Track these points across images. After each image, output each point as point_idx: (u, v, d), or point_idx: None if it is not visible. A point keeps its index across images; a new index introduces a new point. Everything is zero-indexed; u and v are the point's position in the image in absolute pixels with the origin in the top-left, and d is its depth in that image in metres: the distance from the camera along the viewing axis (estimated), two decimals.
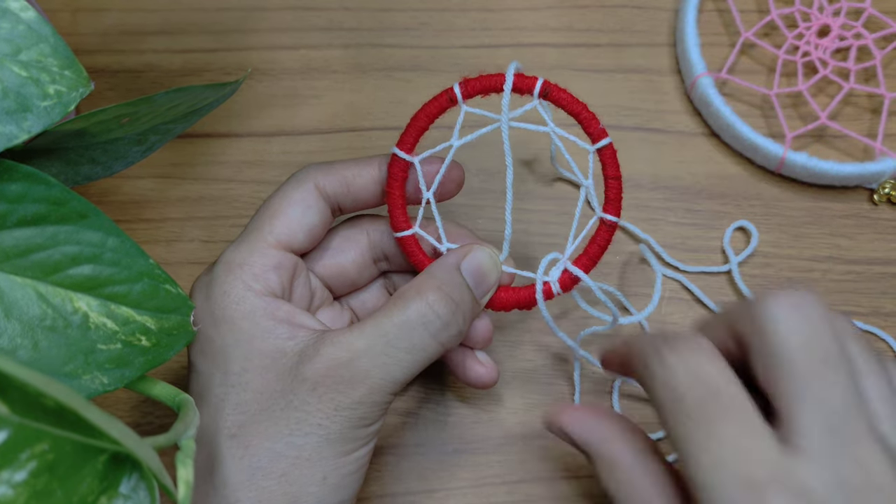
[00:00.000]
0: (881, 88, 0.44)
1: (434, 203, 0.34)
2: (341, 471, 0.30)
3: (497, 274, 0.34)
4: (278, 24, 0.46)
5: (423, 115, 0.33)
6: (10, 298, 0.28)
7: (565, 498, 0.38)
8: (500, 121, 0.33)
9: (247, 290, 0.31)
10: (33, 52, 0.28)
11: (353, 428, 0.30)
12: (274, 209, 0.33)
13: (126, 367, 0.28)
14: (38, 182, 0.28)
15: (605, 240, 0.34)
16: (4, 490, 0.21)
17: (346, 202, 0.34)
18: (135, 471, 0.24)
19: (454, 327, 0.32)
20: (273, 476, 0.29)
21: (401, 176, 0.34)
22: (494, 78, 0.33)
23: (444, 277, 0.32)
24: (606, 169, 0.34)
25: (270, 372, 0.30)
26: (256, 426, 0.30)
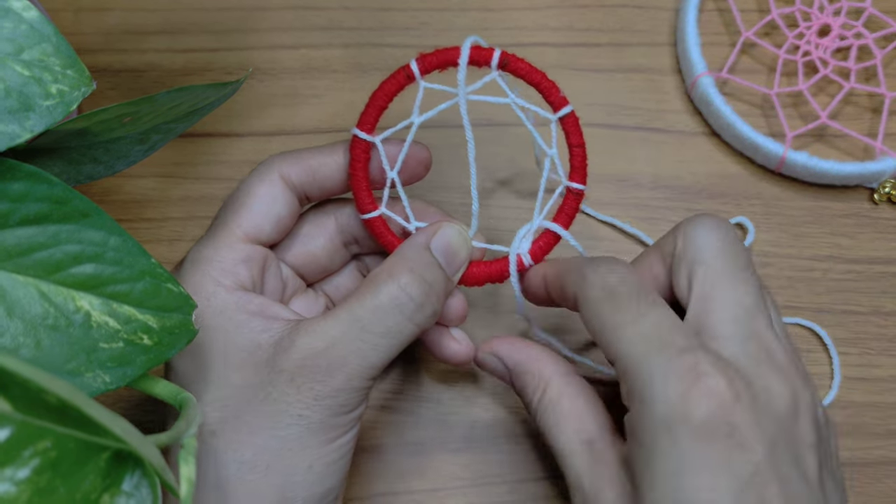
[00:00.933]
0: (882, 88, 0.44)
1: (399, 182, 0.34)
2: (326, 458, 0.30)
3: (467, 250, 0.34)
4: (279, 23, 0.46)
5: (381, 94, 0.33)
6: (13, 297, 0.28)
7: (565, 497, 0.38)
8: (459, 94, 0.33)
9: (217, 285, 0.31)
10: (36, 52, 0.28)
11: (334, 416, 0.30)
12: (240, 202, 0.33)
13: (128, 365, 0.28)
14: (41, 181, 0.28)
15: (572, 208, 0.34)
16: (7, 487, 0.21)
17: (312, 190, 0.34)
18: (137, 468, 0.24)
19: (429, 308, 0.32)
20: (258, 469, 0.29)
21: (363, 157, 0.33)
22: (450, 51, 0.32)
23: (415, 258, 0.32)
24: (570, 137, 0.33)
25: (247, 366, 0.30)
26: (237, 421, 0.30)
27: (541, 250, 0.34)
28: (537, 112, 0.33)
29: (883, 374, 0.40)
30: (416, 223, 0.34)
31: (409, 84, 0.33)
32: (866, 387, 0.40)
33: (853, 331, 0.40)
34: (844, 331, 0.40)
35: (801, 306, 0.41)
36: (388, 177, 0.34)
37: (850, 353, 0.40)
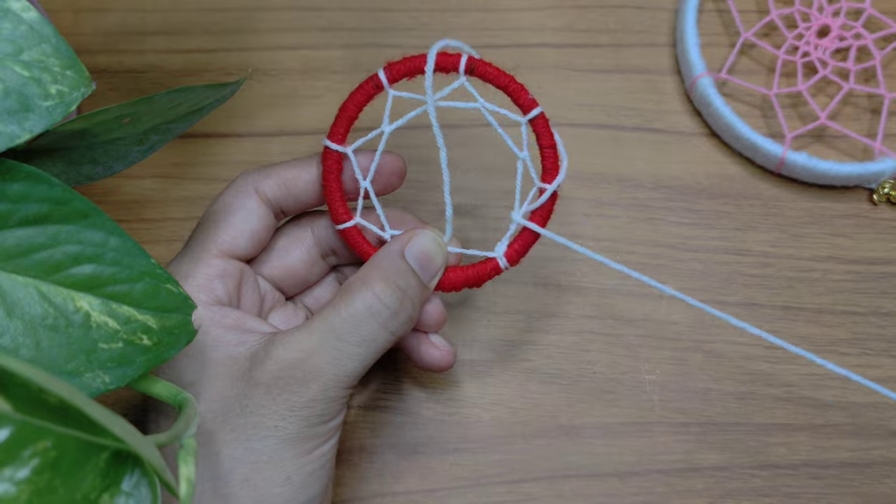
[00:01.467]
0: (881, 88, 0.44)
1: (372, 192, 0.34)
2: (304, 469, 0.30)
3: (443, 256, 0.34)
4: (279, 24, 0.46)
5: (351, 104, 0.33)
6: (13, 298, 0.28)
7: (565, 497, 0.38)
8: (427, 102, 0.33)
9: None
10: (35, 52, 0.28)
11: (310, 426, 0.30)
12: (215, 218, 0.33)
13: (127, 365, 0.28)
14: (40, 182, 0.28)
15: (546, 209, 0.34)
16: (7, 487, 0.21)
17: (288, 204, 0.34)
18: (137, 468, 0.24)
19: (403, 314, 0.32)
20: (235, 482, 0.29)
21: (335, 168, 0.34)
22: (417, 59, 0.33)
23: (389, 266, 0.32)
24: (541, 139, 0.33)
25: (223, 379, 0.30)
26: (213, 435, 0.30)
27: (517, 253, 0.34)
28: (507, 115, 0.33)
29: (882, 375, 0.40)
30: (391, 231, 0.34)
31: (377, 93, 0.33)
32: (866, 387, 0.39)
33: (852, 331, 0.40)
34: (844, 331, 0.40)
35: (801, 307, 0.41)
36: (361, 187, 0.34)
37: (849, 353, 0.40)
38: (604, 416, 0.39)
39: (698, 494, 0.38)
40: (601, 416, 0.39)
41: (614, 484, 0.38)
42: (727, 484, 0.38)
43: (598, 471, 0.38)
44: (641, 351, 0.40)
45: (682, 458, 0.38)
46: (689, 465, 0.38)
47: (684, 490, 0.38)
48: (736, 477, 0.38)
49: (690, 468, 0.38)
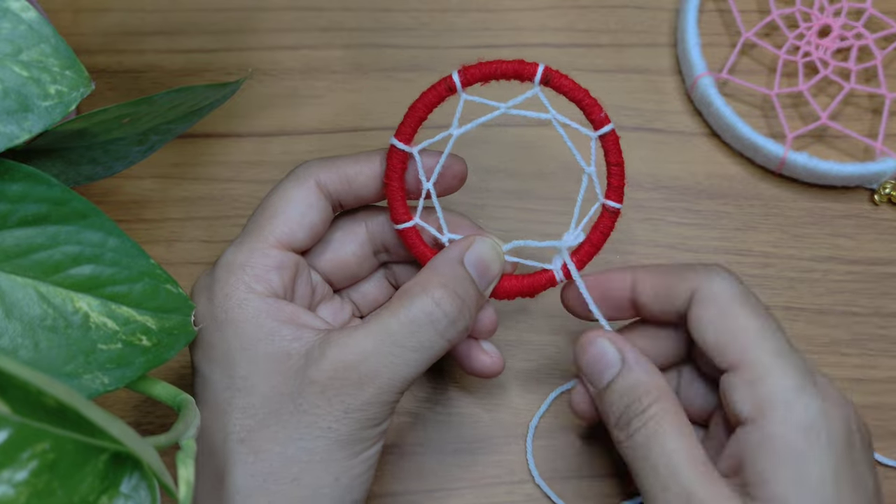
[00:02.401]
0: (882, 88, 0.44)
1: (434, 193, 0.34)
2: (353, 471, 0.30)
3: (500, 264, 0.33)
4: (279, 24, 0.46)
5: (421, 105, 0.33)
6: (11, 298, 0.28)
7: (565, 498, 0.38)
8: (500, 108, 0.33)
9: (249, 292, 0.31)
10: (34, 52, 0.28)
11: (362, 429, 0.30)
12: (274, 208, 0.33)
13: (127, 366, 0.28)
14: (39, 182, 0.28)
15: (607, 227, 0.34)
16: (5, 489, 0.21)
17: (347, 198, 0.34)
18: (136, 470, 0.24)
19: (461, 323, 0.31)
20: (285, 480, 0.29)
21: (399, 167, 0.33)
22: (494, 65, 0.32)
23: (448, 272, 0.32)
24: (609, 155, 0.33)
25: (277, 375, 0.30)
26: (265, 430, 0.30)
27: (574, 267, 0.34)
28: (578, 129, 0.33)
29: (882, 376, 0.40)
30: (449, 235, 0.34)
31: (449, 95, 0.33)
32: (866, 388, 0.39)
33: (853, 332, 0.40)
34: (844, 332, 0.40)
35: (802, 307, 0.41)
36: (423, 188, 0.34)
37: (850, 354, 0.40)
38: None
39: None
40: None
41: (614, 484, 0.38)
42: None
43: (598, 471, 0.38)
44: None
45: None
46: None
47: None
48: None
49: None
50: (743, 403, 0.29)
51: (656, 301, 0.32)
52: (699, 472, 0.29)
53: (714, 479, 0.29)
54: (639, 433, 0.30)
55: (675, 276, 0.32)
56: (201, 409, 0.31)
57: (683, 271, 0.32)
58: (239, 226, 0.42)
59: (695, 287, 0.31)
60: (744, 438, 0.29)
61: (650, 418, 0.30)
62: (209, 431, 0.30)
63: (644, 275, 0.33)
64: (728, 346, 0.29)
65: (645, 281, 0.32)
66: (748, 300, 0.30)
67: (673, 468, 0.29)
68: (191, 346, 0.32)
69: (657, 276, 0.32)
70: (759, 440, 0.28)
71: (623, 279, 0.33)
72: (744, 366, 0.29)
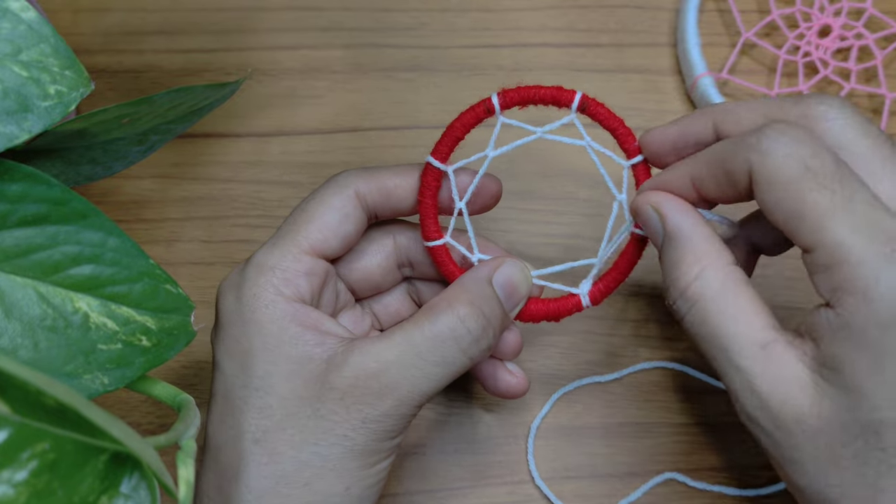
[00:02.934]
0: (882, 88, 0.44)
1: (466, 213, 0.34)
2: (364, 482, 0.30)
3: (528, 287, 0.33)
4: (278, 24, 0.46)
5: (459, 125, 0.33)
6: (11, 298, 0.28)
7: (565, 498, 0.38)
8: (537, 133, 0.33)
9: (277, 294, 0.31)
10: (34, 53, 0.28)
11: (377, 440, 0.30)
12: (311, 213, 0.33)
13: (126, 367, 0.28)
14: (39, 182, 0.28)
15: (635, 254, 0.34)
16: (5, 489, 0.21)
17: (384, 210, 0.34)
18: (136, 470, 0.24)
19: (484, 342, 0.31)
20: (297, 484, 0.29)
21: (434, 185, 0.33)
22: (533, 90, 0.33)
23: (476, 290, 0.32)
24: (640, 185, 0.34)
25: (297, 378, 0.30)
26: (281, 433, 0.30)
27: (600, 293, 0.34)
28: (611, 157, 0.33)
29: None
30: (479, 255, 0.34)
31: (487, 117, 0.33)
32: None
33: None
34: None
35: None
36: (456, 206, 0.34)
37: None
38: (604, 416, 0.39)
39: (699, 495, 0.38)
40: (601, 416, 0.39)
41: (614, 484, 0.38)
42: (729, 483, 0.38)
43: (598, 471, 0.38)
44: (641, 351, 0.40)
45: (682, 458, 0.38)
46: (689, 465, 0.38)
47: (685, 490, 0.38)
48: (736, 477, 0.38)
49: (691, 468, 0.38)
50: (822, 286, 0.27)
51: (722, 193, 0.29)
52: (758, 359, 0.27)
53: (777, 361, 0.27)
54: (688, 315, 0.29)
55: (730, 157, 0.28)
56: (216, 405, 0.31)
57: (736, 150, 0.28)
58: (238, 226, 0.42)
59: (750, 166, 0.27)
60: (825, 318, 0.26)
61: (696, 300, 0.29)
62: (220, 427, 0.31)
63: (698, 167, 0.30)
64: (800, 229, 0.26)
65: (702, 175, 0.30)
66: (815, 168, 0.26)
67: (728, 356, 0.28)
68: (214, 340, 0.32)
69: (712, 165, 0.29)
70: (838, 326, 0.26)
71: (682, 181, 0.30)
72: (818, 248, 0.26)
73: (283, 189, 0.43)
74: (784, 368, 0.27)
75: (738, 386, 0.28)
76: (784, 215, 0.27)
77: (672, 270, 0.29)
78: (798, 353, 0.27)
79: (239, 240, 0.42)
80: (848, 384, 0.26)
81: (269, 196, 0.43)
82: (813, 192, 0.26)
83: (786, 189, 0.26)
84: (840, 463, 0.26)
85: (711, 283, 0.28)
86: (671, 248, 0.30)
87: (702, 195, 0.30)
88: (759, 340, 0.27)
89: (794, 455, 0.27)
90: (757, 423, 0.28)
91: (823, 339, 0.26)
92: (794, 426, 0.27)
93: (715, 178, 0.29)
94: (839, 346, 0.26)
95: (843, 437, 0.26)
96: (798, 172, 0.26)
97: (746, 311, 0.28)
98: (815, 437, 0.26)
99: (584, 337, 0.40)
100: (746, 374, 0.27)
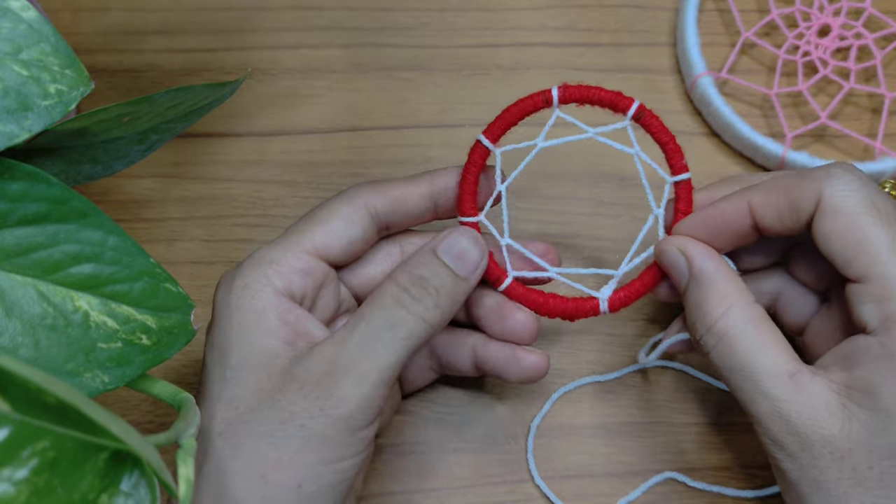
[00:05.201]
0: (881, 88, 0.44)
1: (505, 196, 0.34)
2: (319, 479, 0.29)
3: (479, 250, 0.33)
4: (278, 23, 0.46)
5: (517, 110, 0.33)
6: (11, 297, 0.28)
7: (565, 497, 0.38)
8: (588, 132, 0.34)
9: (266, 284, 0.31)
10: (34, 52, 0.28)
11: (337, 430, 0.29)
12: (318, 218, 0.33)
13: (126, 365, 0.28)
14: (39, 181, 0.28)
15: (661, 272, 0.34)
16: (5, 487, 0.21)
17: (396, 219, 0.34)
18: (136, 468, 0.24)
19: (430, 300, 0.31)
20: (254, 477, 0.29)
21: (479, 162, 0.34)
22: (594, 90, 0.33)
23: (414, 260, 0.32)
24: (679, 203, 0.34)
25: (263, 370, 0.30)
26: (244, 425, 0.30)
27: (620, 301, 0.34)
28: (657, 171, 0.34)
29: None
30: (507, 240, 0.35)
31: (543, 108, 0.34)
32: None
33: None
34: None
35: None
36: (496, 188, 0.34)
37: None
38: (604, 416, 0.39)
39: (699, 495, 0.38)
40: (601, 416, 0.39)
41: (614, 483, 0.38)
42: (728, 484, 0.38)
43: (598, 470, 0.38)
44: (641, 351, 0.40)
45: (682, 458, 0.38)
46: (689, 465, 0.38)
47: (684, 490, 0.38)
48: (736, 477, 0.38)
49: (690, 468, 0.38)
50: (870, 317, 0.28)
51: (780, 220, 0.31)
52: (787, 387, 0.29)
53: (804, 389, 0.29)
54: (714, 349, 0.30)
55: (796, 187, 0.30)
56: (199, 397, 0.31)
57: (805, 181, 0.30)
58: (239, 225, 0.42)
59: (820, 194, 0.29)
60: (864, 346, 0.28)
61: (722, 335, 0.30)
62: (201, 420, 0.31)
63: (760, 195, 0.31)
64: (857, 259, 0.28)
65: (764, 201, 0.31)
66: (877, 206, 0.29)
67: (757, 385, 0.29)
68: (206, 333, 0.32)
69: (775, 194, 0.31)
70: (880, 353, 0.28)
71: (739, 208, 0.32)
72: (872, 279, 0.28)
73: (283, 188, 0.43)
74: (813, 394, 0.28)
75: (766, 412, 0.29)
76: (843, 244, 0.29)
77: (698, 308, 0.31)
78: (824, 380, 0.29)
79: (239, 239, 0.42)
80: (882, 406, 0.27)
81: (269, 195, 0.43)
82: (875, 226, 0.28)
83: (852, 219, 0.29)
84: (864, 484, 0.27)
85: (737, 320, 0.30)
86: (697, 287, 0.32)
87: (757, 222, 0.31)
88: (787, 370, 0.29)
89: (818, 477, 0.28)
90: (783, 446, 0.29)
91: (860, 364, 0.28)
92: (822, 448, 0.28)
93: (776, 205, 0.31)
94: (877, 373, 0.28)
95: (871, 458, 0.27)
96: (864, 207, 0.29)
97: (771, 345, 0.30)
98: (842, 459, 0.28)
99: (585, 337, 0.40)
100: (775, 401, 0.29)
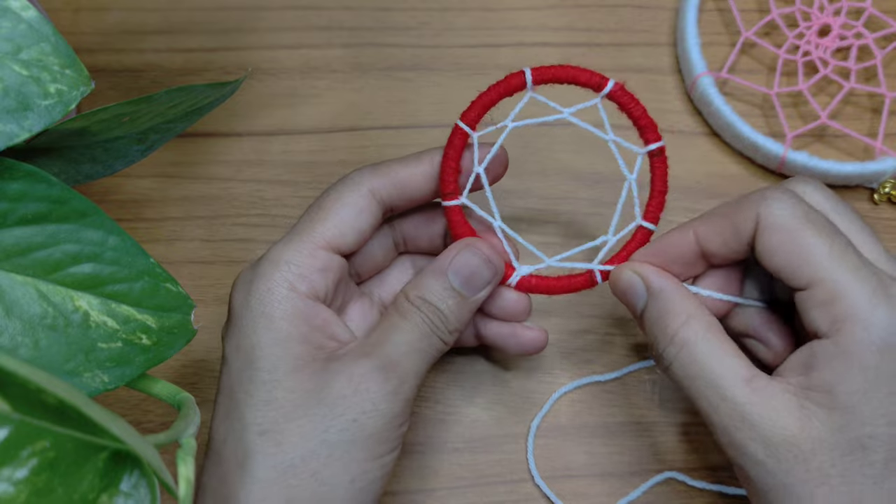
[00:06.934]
0: (882, 88, 0.44)
1: (485, 177, 0.34)
2: (368, 475, 0.30)
3: (491, 269, 0.34)
4: (278, 23, 0.46)
5: (494, 93, 0.34)
6: (11, 297, 0.28)
7: (565, 497, 0.38)
8: (563, 113, 0.34)
9: (291, 290, 0.31)
10: (34, 51, 0.28)
11: (385, 428, 0.30)
12: (327, 210, 0.33)
13: (126, 365, 0.28)
14: (39, 181, 0.28)
15: (640, 244, 0.35)
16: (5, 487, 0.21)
17: (400, 202, 0.34)
18: (136, 468, 0.24)
19: (452, 325, 0.33)
20: (304, 475, 0.30)
21: (459, 146, 0.34)
22: (566, 69, 0.34)
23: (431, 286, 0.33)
24: (655, 180, 0.35)
25: (301, 372, 0.31)
26: (290, 423, 0.30)
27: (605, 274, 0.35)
28: (630, 148, 0.34)
29: None
30: (499, 223, 0.35)
31: (518, 91, 0.34)
32: None
33: None
34: None
35: None
36: (474, 171, 0.34)
37: None
38: (604, 416, 0.39)
39: (699, 494, 0.38)
40: (601, 415, 0.39)
41: (614, 483, 0.38)
42: (728, 483, 0.38)
43: (598, 470, 0.38)
44: (641, 351, 0.40)
45: (682, 457, 0.38)
46: (689, 464, 0.38)
47: (684, 490, 0.38)
48: (735, 477, 0.38)
49: (690, 468, 0.38)
50: (820, 321, 0.29)
51: (724, 245, 0.32)
52: (746, 390, 0.30)
53: (763, 392, 0.30)
54: (676, 359, 0.31)
55: (736, 212, 0.32)
56: (221, 399, 0.31)
57: (742, 206, 0.31)
58: (239, 225, 0.42)
59: (757, 215, 0.31)
60: (819, 350, 0.29)
61: (683, 344, 0.31)
62: (225, 421, 0.31)
63: (704, 224, 0.33)
64: (801, 268, 0.30)
65: (708, 229, 0.32)
66: (813, 219, 0.30)
67: (718, 391, 0.30)
68: (224, 335, 0.32)
69: (718, 220, 0.32)
70: (834, 353, 0.29)
71: (685, 237, 0.33)
72: (818, 284, 0.29)
73: (283, 188, 0.43)
74: (771, 396, 0.29)
75: (729, 417, 0.30)
76: (786, 256, 0.30)
77: (659, 321, 0.32)
78: (781, 384, 0.30)
79: (239, 239, 0.42)
80: (839, 404, 0.28)
81: (269, 195, 0.43)
82: (813, 236, 0.30)
83: (790, 233, 0.30)
84: (829, 482, 0.28)
85: (697, 329, 0.31)
86: (656, 302, 0.32)
87: (703, 249, 0.33)
88: (745, 376, 0.30)
89: (785, 480, 0.29)
90: (747, 453, 0.29)
91: (816, 367, 0.29)
92: (786, 451, 0.29)
93: (719, 230, 0.32)
94: (833, 372, 0.29)
95: (833, 456, 0.28)
96: (801, 222, 0.30)
97: (730, 353, 0.31)
98: (806, 460, 0.29)
99: (584, 336, 0.40)
100: (737, 405, 0.30)
